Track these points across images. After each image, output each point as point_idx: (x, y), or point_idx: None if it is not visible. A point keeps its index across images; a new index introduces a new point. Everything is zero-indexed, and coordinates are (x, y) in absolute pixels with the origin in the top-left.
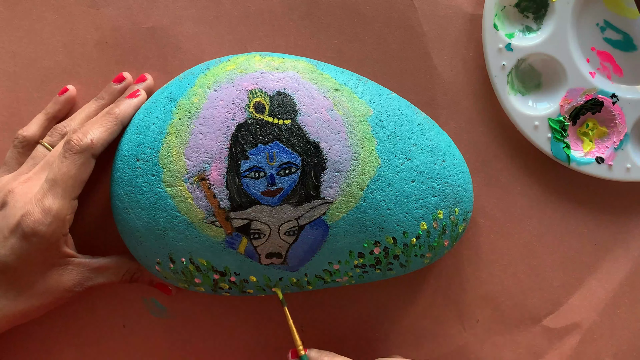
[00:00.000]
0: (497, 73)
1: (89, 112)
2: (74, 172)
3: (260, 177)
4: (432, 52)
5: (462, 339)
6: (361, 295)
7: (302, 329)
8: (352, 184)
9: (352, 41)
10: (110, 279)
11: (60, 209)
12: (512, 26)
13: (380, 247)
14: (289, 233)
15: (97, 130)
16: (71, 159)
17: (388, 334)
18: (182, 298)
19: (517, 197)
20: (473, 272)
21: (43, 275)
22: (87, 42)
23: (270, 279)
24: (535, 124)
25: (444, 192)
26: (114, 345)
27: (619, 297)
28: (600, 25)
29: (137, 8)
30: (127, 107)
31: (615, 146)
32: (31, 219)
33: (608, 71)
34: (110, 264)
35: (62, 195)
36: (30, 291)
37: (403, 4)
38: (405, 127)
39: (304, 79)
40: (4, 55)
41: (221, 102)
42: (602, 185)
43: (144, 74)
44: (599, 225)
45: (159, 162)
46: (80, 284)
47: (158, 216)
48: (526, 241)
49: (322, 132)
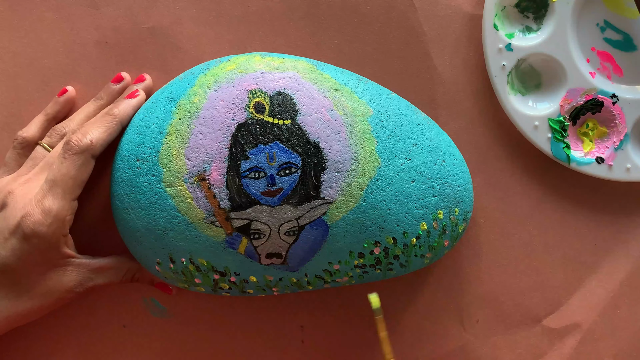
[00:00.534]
0: (497, 73)
1: (88, 113)
2: (73, 172)
3: (260, 177)
4: (432, 52)
5: (462, 339)
6: (361, 295)
7: (302, 329)
8: (352, 184)
9: (352, 41)
10: (111, 279)
11: (60, 210)
12: (512, 26)
13: (380, 247)
14: (289, 233)
15: (97, 131)
16: (71, 159)
17: (388, 334)
18: (182, 298)
19: (517, 197)
20: (473, 272)
21: (44, 276)
22: (87, 42)
23: (271, 279)
24: (535, 124)
25: (444, 192)
26: (114, 345)
27: (619, 297)
28: (600, 25)
29: (137, 8)
30: (126, 107)
31: (615, 146)
32: (31, 220)
33: (608, 71)
34: (111, 264)
35: (62, 196)
36: (31, 292)
37: (403, 4)
38: (405, 127)
39: (304, 79)
40: (4, 55)
41: (221, 102)
42: (602, 185)
43: (142, 74)
44: (599, 225)
45: (159, 162)
46: (81, 284)
47: (158, 216)
48: (526, 241)
49: (322, 132)
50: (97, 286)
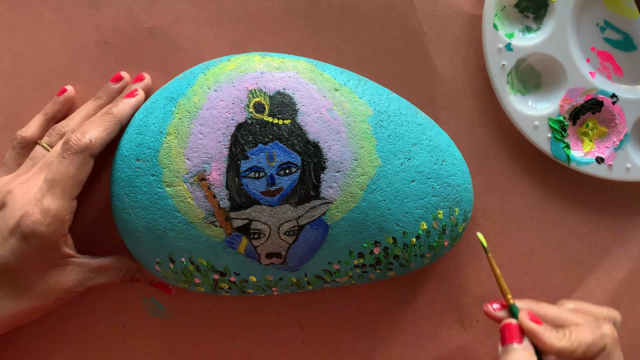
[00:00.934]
0: (497, 73)
1: (87, 112)
2: (72, 172)
3: (260, 177)
4: (432, 52)
5: (462, 339)
6: (361, 295)
7: (301, 329)
8: (352, 184)
9: (352, 41)
10: (111, 278)
11: (59, 209)
12: (512, 26)
13: (380, 247)
14: (289, 233)
15: (96, 130)
16: (70, 159)
17: (388, 334)
18: (182, 298)
19: (517, 197)
20: (473, 272)
21: (43, 275)
22: (87, 42)
23: (270, 279)
24: (535, 123)
25: (444, 192)
26: (114, 345)
27: (618, 297)
28: (600, 25)
29: (137, 8)
30: (126, 106)
31: (615, 146)
32: (30, 220)
33: (608, 71)
34: (111, 264)
35: (61, 195)
36: (31, 292)
37: (403, 4)
38: (405, 127)
39: (304, 79)
40: (4, 55)
41: (221, 102)
42: (602, 185)
43: (141, 74)
44: (599, 225)
45: (159, 162)
46: (81, 284)
47: (158, 216)
48: (526, 241)
49: (322, 132)
50: (97, 286)
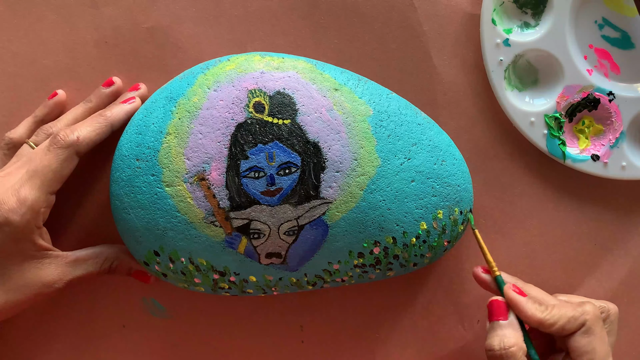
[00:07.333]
0: (494, 68)
1: (77, 115)
2: (55, 165)
3: (260, 177)
4: (432, 52)
5: (462, 339)
6: (361, 295)
7: (301, 329)
8: (352, 184)
9: (352, 41)
10: (89, 270)
11: (35, 201)
12: (510, 22)
13: (380, 247)
14: (289, 233)
15: (85, 129)
16: (55, 152)
17: (388, 334)
18: (182, 298)
19: (517, 197)
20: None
21: (19, 267)
22: (87, 42)
23: (270, 279)
24: (532, 119)
25: (444, 192)
26: (114, 345)
27: (618, 297)
28: (598, 22)
29: (137, 8)
30: (120, 111)
31: (611, 144)
32: (5, 208)
33: (605, 69)
34: (88, 255)
35: (40, 187)
36: (7, 284)
37: (403, 4)
38: (405, 127)
39: (303, 78)
40: (4, 55)
41: (221, 101)
42: (602, 185)
43: (137, 84)
44: (599, 225)
45: (159, 162)
46: (60, 279)
47: (158, 216)
48: (526, 241)
49: (322, 132)
50: (77, 279)
